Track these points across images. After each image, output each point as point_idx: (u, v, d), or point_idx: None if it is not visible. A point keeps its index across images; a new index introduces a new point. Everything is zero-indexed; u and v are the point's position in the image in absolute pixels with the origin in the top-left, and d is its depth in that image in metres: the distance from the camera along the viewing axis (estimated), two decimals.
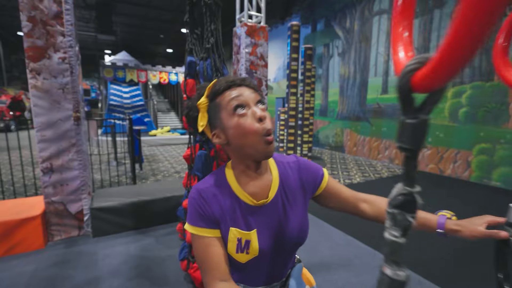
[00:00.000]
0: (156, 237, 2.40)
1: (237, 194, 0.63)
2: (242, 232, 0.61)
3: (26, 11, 1.98)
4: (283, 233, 0.65)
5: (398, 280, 0.32)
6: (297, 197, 0.68)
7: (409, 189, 0.32)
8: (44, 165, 2.17)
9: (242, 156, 0.62)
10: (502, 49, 0.64)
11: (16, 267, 1.93)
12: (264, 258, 0.65)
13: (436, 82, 0.26)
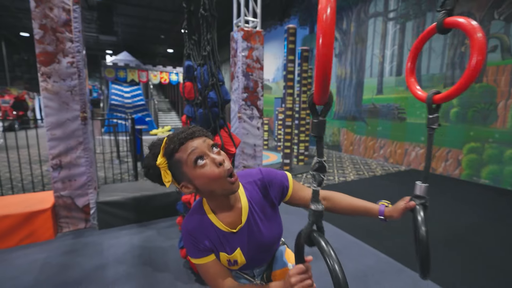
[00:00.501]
0: (157, 229, 2.56)
1: (217, 226, 0.73)
2: (228, 255, 0.75)
3: (38, 19, 2.14)
4: (262, 242, 0.78)
5: (318, 210, 0.55)
6: (267, 210, 0.79)
7: (320, 159, 0.54)
8: (54, 161, 2.34)
9: (213, 196, 0.71)
10: (410, 70, 0.82)
11: (29, 255, 2.10)
12: (252, 262, 0.81)
13: (320, 100, 0.50)
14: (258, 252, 0.80)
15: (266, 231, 0.78)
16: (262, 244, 0.78)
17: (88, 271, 1.92)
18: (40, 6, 2.12)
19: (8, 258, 2.06)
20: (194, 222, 0.74)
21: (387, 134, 5.89)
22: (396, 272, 1.95)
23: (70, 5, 2.22)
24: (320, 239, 0.56)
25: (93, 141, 2.62)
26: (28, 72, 17.99)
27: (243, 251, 0.75)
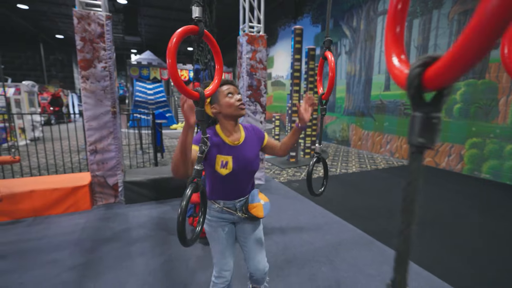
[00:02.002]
0: (171, 205, 3.07)
1: (223, 138, 1.13)
2: (224, 156, 1.11)
3: (79, 33, 2.68)
4: (246, 160, 1.15)
5: (197, 169, 0.83)
6: (254, 143, 1.22)
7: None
8: (91, 147, 2.90)
9: (227, 117, 1.12)
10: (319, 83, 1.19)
11: (73, 220, 2.67)
12: (235, 175, 1.13)
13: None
14: (240, 167, 1.13)
15: (250, 156, 1.18)
16: (246, 161, 1.15)
17: (117, 232, 2.44)
18: (81, 22, 2.65)
19: (57, 221, 2.64)
20: (209, 130, 1.14)
21: (393, 129, 6.04)
22: (367, 243, 2.29)
23: (104, 21, 2.74)
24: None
25: (120, 132, 3.16)
26: (62, 71, 19.53)
27: (233, 161, 1.12)
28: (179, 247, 2.20)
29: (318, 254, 2.12)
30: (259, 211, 1.20)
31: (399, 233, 0.32)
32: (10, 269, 1.88)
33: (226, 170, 1.11)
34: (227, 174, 1.12)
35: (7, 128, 6.27)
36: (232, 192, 1.21)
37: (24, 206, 2.65)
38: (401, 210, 0.31)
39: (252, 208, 1.20)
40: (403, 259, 0.32)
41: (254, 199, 1.22)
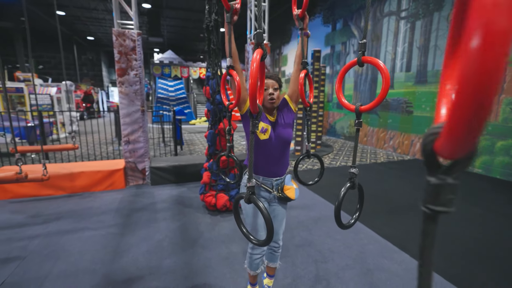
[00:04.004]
0: (188, 187, 3.73)
1: (265, 113, 1.35)
2: (264, 124, 1.31)
3: (117, 47, 3.37)
4: (280, 132, 1.34)
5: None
6: (285, 114, 1.38)
7: None
8: (125, 139, 3.62)
9: (264, 103, 1.32)
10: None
11: (112, 195, 3.40)
12: (271, 143, 1.29)
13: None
14: (276, 137, 1.32)
15: (284, 129, 1.36)
16: (280, 132, 1.34)
17: (146, 205, 3.13)
18: (118, 39, 3.34)
19: (100, 196, 3.39)
20: None
21: (396, 126, 6.35)
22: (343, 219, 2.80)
23: (135, 37, 3.41)
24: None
25: (148, 127, 3.86)
26: (92, 70, 21.11)
27: (272, 129, 1.34)
28: (192, 216, 2.85)
29: (301, 225, 2.68)
30: (291, 193, 1.37)
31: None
32: (71, 225, 2.62)
33: (264, 136, 1.30)
34: (265, 140, 1.30)
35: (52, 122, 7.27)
36: (269, 165, 1.36)
37: (77, 183, 3.43)
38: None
39: (287, 189, 1.36)
40: None
41: (288, 182, 1.41)
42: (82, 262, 2.04)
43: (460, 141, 0.22)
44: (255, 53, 0.80)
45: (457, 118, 0.21)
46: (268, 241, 0.88)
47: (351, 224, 1.15)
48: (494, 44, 0.17)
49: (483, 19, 0.17)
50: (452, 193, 0.28)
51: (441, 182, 0.28)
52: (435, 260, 0.32)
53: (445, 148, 0.24)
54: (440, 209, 0.28)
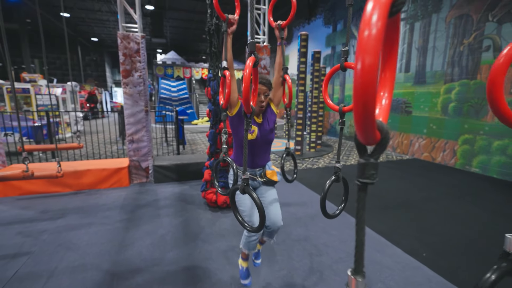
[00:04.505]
0: (189, 185, 3.85)
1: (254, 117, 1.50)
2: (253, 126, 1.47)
3: (121, 49, 3.49)
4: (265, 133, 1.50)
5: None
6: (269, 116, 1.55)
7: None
8: (129, 138, 3.74)
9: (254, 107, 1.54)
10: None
11: (116, 192, 3.53)
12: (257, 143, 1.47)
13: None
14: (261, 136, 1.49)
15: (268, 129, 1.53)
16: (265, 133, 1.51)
17: (149, 202, 3.25)
18: (123, 42, 3.47)
19: (106, 193, 3.51)
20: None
21: (396, 126, 6.42)
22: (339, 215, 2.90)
23: (139, 40, 3.54)
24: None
25: (151, 126, 3.98)
26: (96, 70, 21.35)
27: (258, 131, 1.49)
28: (193, 212, 2.96)
29: (298, 221, 2.78)
30: (273, 176, 1.56)
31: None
32: (78, 221, 2.74)
33: (252, 136, 1.47)
34: (252, 140, 1.48)
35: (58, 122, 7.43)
36: (254, 160, 1.54)
37: (83, 181, 3.56)
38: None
39: (268, 174, 1.56)
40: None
41: (270, 167, 1.60)
42: (89, 254, 2.15)
43: (360, 131, 0.32)
44: (248, 60, 0.90)
45: (354, 115, 0.31)
46: (260, 227, 0.99)
47: (336, 214, 1.27)
48: (365, 70, 0.28)
49: (358, 56, 0.28)
50: (373, 169, 0.37)
51: (366, 162, 0.37)
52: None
53: (359, 137, 0.34)
54: (366, 181, 0.38)
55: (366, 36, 0.28)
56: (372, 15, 0.28)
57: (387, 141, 0.36)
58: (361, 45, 0.28)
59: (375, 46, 0.27)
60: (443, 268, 2.03)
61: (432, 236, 2.52)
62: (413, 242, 2.41)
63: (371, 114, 0.30)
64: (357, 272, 0.43)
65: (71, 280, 1.85)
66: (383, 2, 0.28)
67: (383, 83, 0.43)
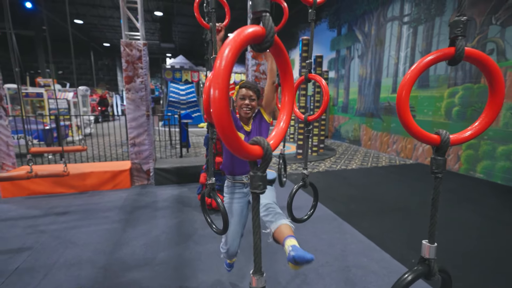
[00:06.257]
0: (188, 187, 3.94)
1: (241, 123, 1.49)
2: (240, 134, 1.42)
3: (124, 56, 3.64)
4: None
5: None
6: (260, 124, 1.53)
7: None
8: (131, 141, 3.88)
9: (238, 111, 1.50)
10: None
11: (118, 194, 3.66)
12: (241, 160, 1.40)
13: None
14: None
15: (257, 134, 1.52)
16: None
17: (148, 203, 3.36)
18: (126, 49, 3.62)
19: (107, 194, 3.65)
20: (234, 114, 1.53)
21: (399, 130, 6.35)
22: (331, 219, 2.92)
23: (141, 47, 3.68)
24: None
25: (153, 130, 4.11)
26: (108, 74, 21.99)
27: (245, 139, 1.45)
28: (189, 214, 3.05)
29: None
30: None
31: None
32: (79, 220, 2.87)
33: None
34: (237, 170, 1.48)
35: (68, 126, 7.73)
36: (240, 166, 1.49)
37: (86, 182, 3.71)
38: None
39: None
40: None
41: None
42: (86, 252, 2.26)
43: (232, 151, 0.38)
44: (211, 73, 0.97)
45: (221, 137, 0.37)
46: (224, 230, 1.05)
47: (304, 219, 1.32)
48: (216, 100, 0.34)
49: (210, 87, 0.35)
50: (260, 181, 0.43)
51: (254, 174, 0.43)
52: None
53: (235, 153, 0.41)
54: (254, 191, 0.44)
55: (217, 67, 0.34)
56: (225, 48, 0.34)
57: (269, 157, 0.42)
58: (213, 77, 0.34)
59: (224, 76, 0.33)
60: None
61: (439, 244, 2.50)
62: (403, 247, 2.41)
63: (232, 135, 0.35)
64: (256, 272, 0.48)
65: (66, 277, 1.96)
66: (239, 38, 0.34)
67: (283, 106, 0.49)
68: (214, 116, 0.34)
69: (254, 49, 0.40)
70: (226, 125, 0.34)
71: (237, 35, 0.34)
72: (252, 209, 0.45)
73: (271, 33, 0.38)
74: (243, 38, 0.34)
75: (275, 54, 0.43)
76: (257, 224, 0.46)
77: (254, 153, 0.40)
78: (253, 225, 0.46)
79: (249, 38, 0.35)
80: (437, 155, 0.62)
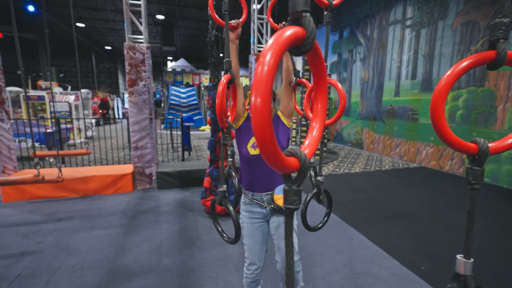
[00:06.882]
0: (191, 192, 3.90)
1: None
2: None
3: (128, 60, 3.62)
4: None
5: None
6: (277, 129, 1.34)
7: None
8: (134, 145, 3.84)
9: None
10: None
11: (120, 198, 3.62)
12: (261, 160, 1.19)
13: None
14: None
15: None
16: None
17: (151, 208, 3.32)
18: (129, 52, 3.60)
19: (110, 198, 3.61)
20: None
21: (402, 133, 6.32)
22: (337, 225, 2.88)
23: (145, 50, 3.66)
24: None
25: (156, 133, 4.08)
26: (109, 77, 22.04)
27: None
28: (192, 219, 3.00)
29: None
30: (282, 202, 1.31)
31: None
32: (82, 225, 2.83)
33: (255, 151, 1.27)
34: (255, 156, 1.28)
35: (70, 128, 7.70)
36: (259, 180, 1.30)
37: (89, 187, 3.67)
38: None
39: (277, 199, 1.26)
40: None
41: (280, 191, 1.27)
42: (89, 258, 2.22)
43: (270, 164, 0.35)
44: (223, 78, 0.94)
45: (259, 148, 0.33)
46: (236, 239, 1.01)
47: (318, 228, 1.27)
48: (258, 110, 0.30)
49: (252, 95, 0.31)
50: (296, 195, 0.39)
51: (289, 188, 0.39)
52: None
53: (272, 166, 0.37)
54: (289, 207, 0.40)
55: (259, 74, 0.30)
56: (267, 54, 0.31)
57: (306, 169, 0.38)
58: (254, 84, 0.30)
59: (267, 83, 0.30)
60: (441, 282, 1.98)
61: (432, 248, 2.46)
62: (412, 254, 2.36)
63: (272, 147, 0.32)
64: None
65: (69, 283, 1.91)
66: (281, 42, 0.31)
67: (315, 114, 0.45)
68: (254, 125, 0.31)
69: (292, 53, 0.37)
70: (267, 135, 0.31)
71: (277, 39, 0.31)
72: (285, 226, 0.42)
73: (312, 35, 0.35)
74: (284, 42, 0.31)
75: (311, 57, 0.40)
76: (290, 241, 0.42)
77: (291, 166, 0.37)
78: (286, 243, 0.42)
79: (291, 41, 0.32)
80: (474, 165, 0.58)
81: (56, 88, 9.59)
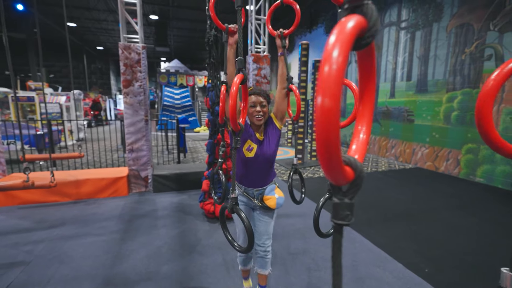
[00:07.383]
0: (188, 195, 3.82)
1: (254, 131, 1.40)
2: (252, 143, 1.38)
3: (123, 60, 3.53)
4: (265, 151, 1.40)
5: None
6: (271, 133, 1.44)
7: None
8: (129, 147, 3.74)
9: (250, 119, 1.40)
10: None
11: (115, 202, 3.51)
12: (255, 162, 1.38)
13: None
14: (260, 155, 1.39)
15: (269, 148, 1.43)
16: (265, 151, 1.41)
17: (147, 212, 3.22)
18: (124, 52, 3.51)
19: (104, 202, 3.50)
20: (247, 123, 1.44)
21: (398, 134, 6.36)
22: None
23: (140, 50, 3.58)
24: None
25: (151, 135, 3.98)
26: (101, 78, 21.67)
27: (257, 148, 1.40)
28: (191, 223, 2.93)
29: (297, 232, 2.72)
30: (271, 202, 1.43)
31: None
32: (75, 231, 2.72)
33: (250, 154, 1.39)
34: (250, 158, 1.40)
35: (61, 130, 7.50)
36: (253, 179, 1.46)
37: (82, 190, 3.55)
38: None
39: (266, 199, 1.43)
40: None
41: (270, 192, 1.45)
42: (84, 267, 2.12)
43: (327, 173, 0.30)
44: (236, 78, 0.89)
45: (319, 157, 0.28)
46: (249, 248, 0.96)
47: (331, 233, 1.22)
48: (325, 112, 0.25)
49: (318, 96, 0.26)
50: (348, 210, 0.34)
51: (340, 202, 0.34)
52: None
53: (327, 177, 0.32)
54: (340, 222, 0.35)
55: (327, 72, 0.26)
56: (333, 50, 0.26)
57: (361, 180, 0.34)
58: (321, 83, 0.26)
59: (337, 82, 0.25)
60: (445, 284, 1.96)
61: (434, 249, 2.45)
62: (414, 256, 2.35)
63: (336, 156, 0.28)
64: None
65: None
66: (347, 34, 0.27)
67: (361, 117, 0.41)
68: (320, 129, 0.26)
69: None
70: (333, 141, 0.26)
71: (341, 32, 0.26)
72: (332, 245, 0.37)
73: (375, 26, 0.30)
74: (350, 34, 0.26)
75: (364, 54, 0.35)
76: (339, 262, 0.37)
77: (347, 177, 0.32)
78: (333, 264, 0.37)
79: (356, 32, 0.27)
80: None
81: (46, 89, 9.33)
